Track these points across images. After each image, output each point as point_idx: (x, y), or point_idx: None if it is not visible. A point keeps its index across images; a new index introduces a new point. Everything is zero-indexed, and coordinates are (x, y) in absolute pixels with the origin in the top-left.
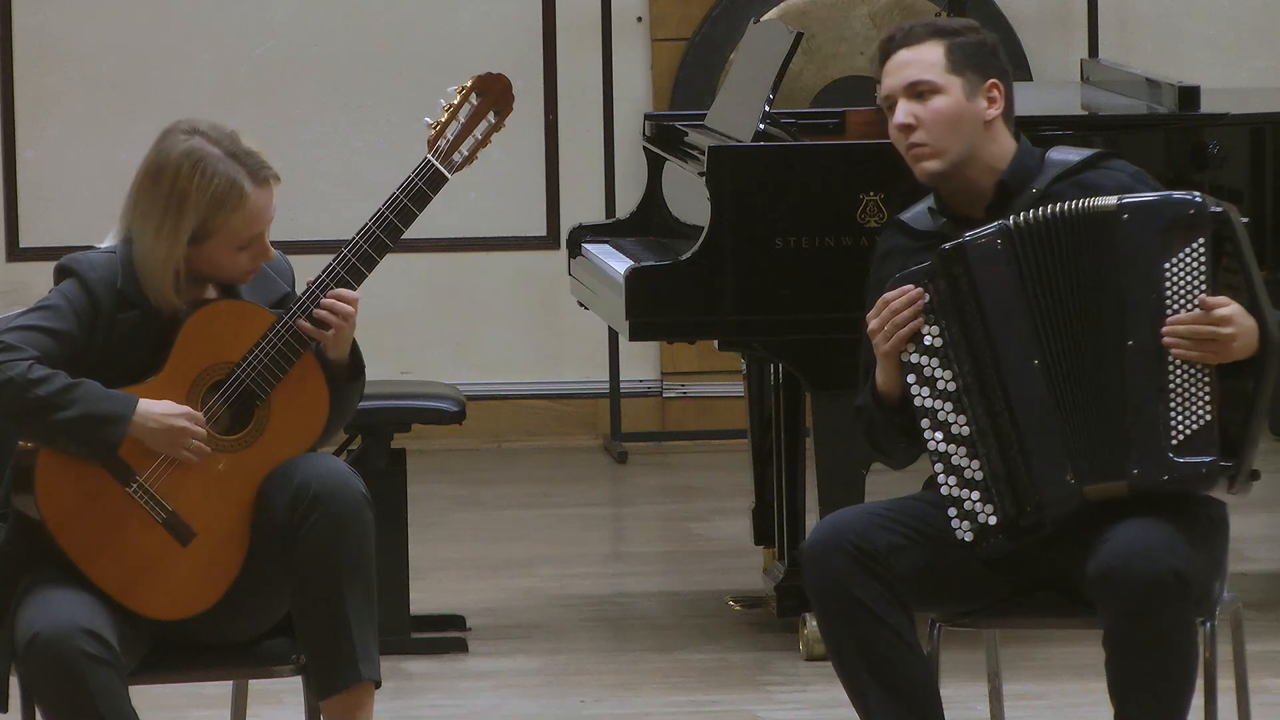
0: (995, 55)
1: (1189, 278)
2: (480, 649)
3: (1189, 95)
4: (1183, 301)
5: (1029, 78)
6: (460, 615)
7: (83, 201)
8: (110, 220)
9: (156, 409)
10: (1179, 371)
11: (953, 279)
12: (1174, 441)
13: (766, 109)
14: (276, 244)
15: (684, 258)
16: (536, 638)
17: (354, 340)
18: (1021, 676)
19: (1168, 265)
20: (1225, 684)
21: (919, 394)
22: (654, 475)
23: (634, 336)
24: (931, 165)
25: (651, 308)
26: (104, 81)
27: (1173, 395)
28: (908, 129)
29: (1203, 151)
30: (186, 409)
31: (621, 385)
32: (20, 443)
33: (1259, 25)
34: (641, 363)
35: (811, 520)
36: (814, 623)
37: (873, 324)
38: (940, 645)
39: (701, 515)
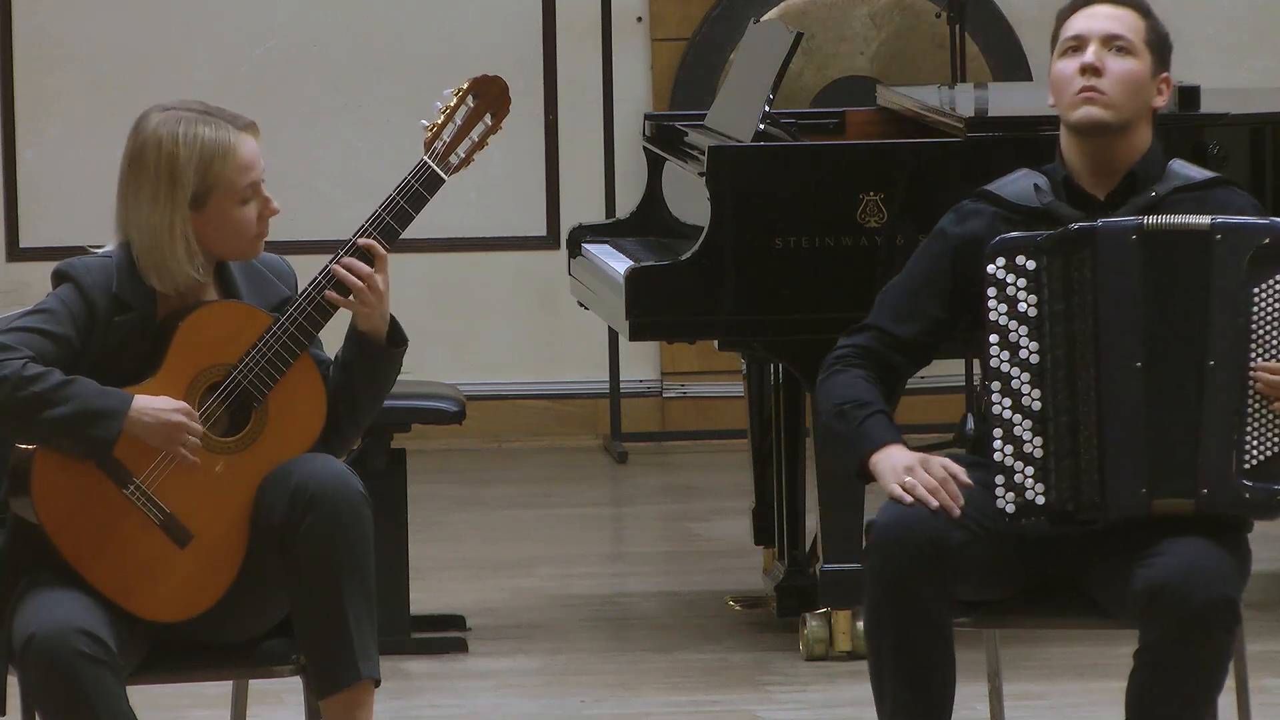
0: (1171, 51)
1: (1276, 305)
2: (480, 649)
3: (1189, 95)
4: (1268, 327)
5: (1029, 78)
6: (460, 615)
7: (83, 201)
8: (110, 220)
9: (152, 405)
10: (1257, 398)
11: (1074, 260)
12: (1246, 467)
13: (766, 109)
14: (276, 244)
15: (684, 258)
16: (536, 638)
17: (392, 315)
18: (1021, 676)
19: (1256, 290)
20: (1225, 684)
21: (997, 356)
22: (654, 475)
23: (634, 336)
24: (1099, 113)
25: (651, 308)
26: (104, 81)
27: (1249, 421)
28: (1093, 71)
29: (1203, 151)
30: (182, 404)
31: (621, 385)
32: (17, 445)
33: (1259, 25)
34: (641, 363)
35: (811, 520)
36: (814, 623)
37: (928, 481)
38: None
39: (701, 515)
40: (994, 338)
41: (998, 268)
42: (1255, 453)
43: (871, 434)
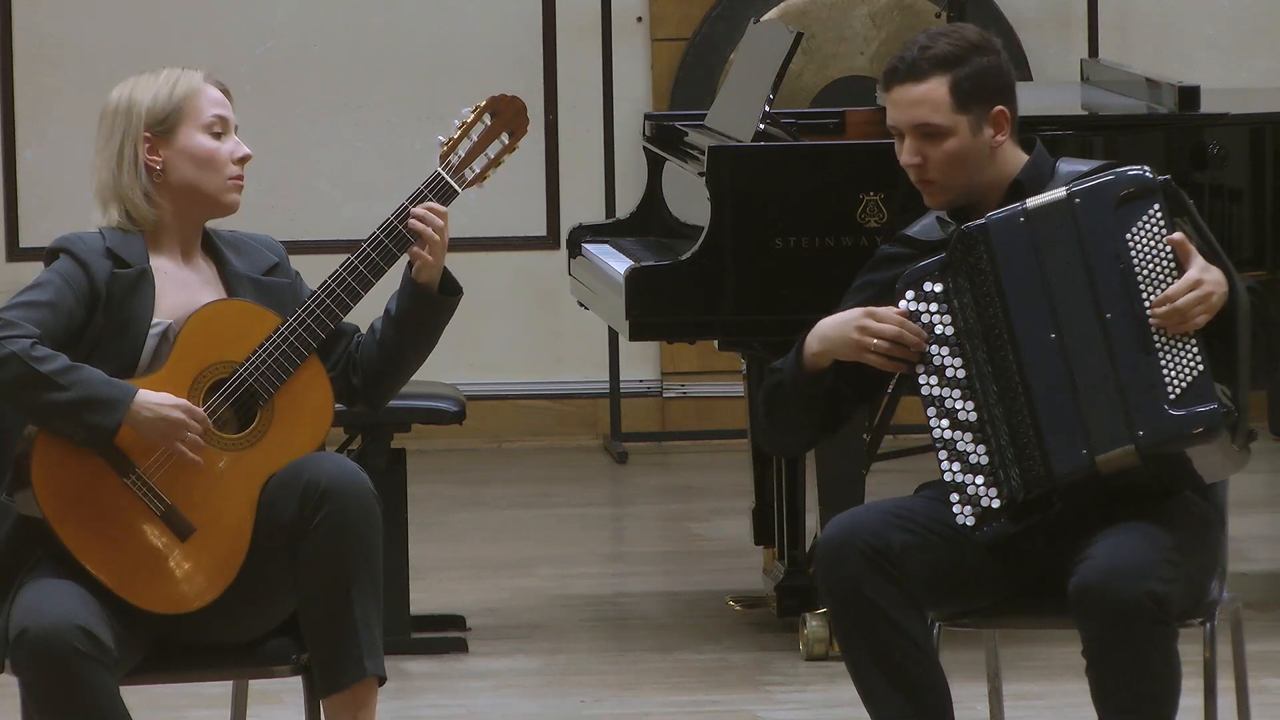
0: (1000, 74)
1: (1151, 241)
2: (480, 649)
3: (1189, 95)
4: (1150, 264)
5: (1029, 78)
6: (460, 615)
7: (83, 201)
8: None
9: (154, 399)
10: (1161, 333)
11: (972, 258)
12: (1171, 396)
13: (766, 109)
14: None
15: (684, 258)
16: (536, 638)
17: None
18: (1021, 676)
19: (1129, 235)
20: (1225, 684)
21: (926, 382)
22: (654, 475)
23: (634, 336)
24: (940, 198)
25: (651, 308)
26: (104, 81)
27: (1161, 354)
28: (916, 167)
29: (1203, 151)
30: (185, 402)
31: (621, 385)
32: (20, 437)
33: (1259, 25)
34: (641, 363)
35: (811, 520)
36: (814, 623)
37: (885, 329)
38: (940, 645)
39: (701, 515)
40: (920, 367)
41: (909, 301)
42: (1176, 382)
43: (797, 344)
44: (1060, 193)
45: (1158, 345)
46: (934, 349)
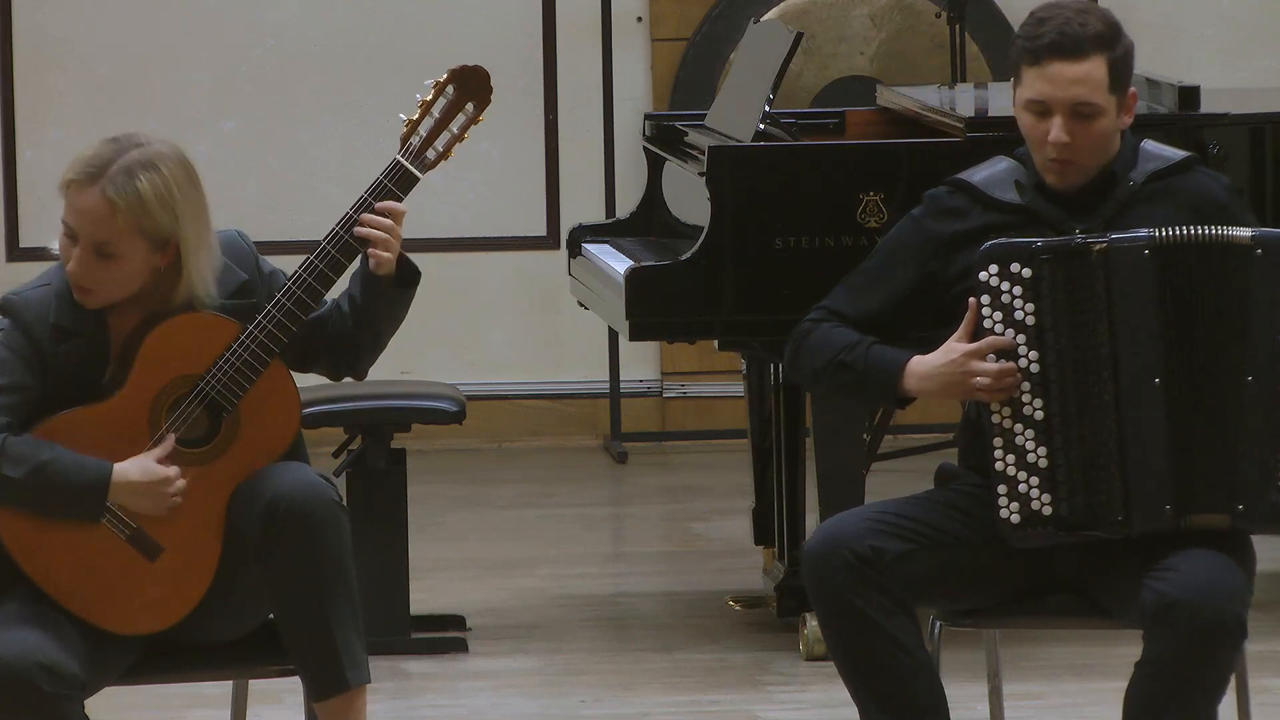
0: (1132, 59)
1: None
2: (480, 649)
3: (1189, 95)
4: None
5: None
6: (460, 615)
7: None
8: None
9: (133, 474)
10: None
11: (1081, 274)
12: None
13: (766, 109)
14: (277, 244)
15: (684, 258)
16: (536, 638)
17: (402, 253)
18: (1021, 676)
19: None
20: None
21: (997, 363)
22: (654, 475)
23: (634, 336)
24: (1075, 179)
25: (651, 308)
26: (104, 81)
27: None
28: (1063, 146)
29: (1203, 151)
30: (157, 468)
31: (621, 385)
32: None
33: (1259, 25)
34: (641, 363)
35: (812, 520)
36: (814, 622)
37: (988, 368)
38: (940, 645)
39: (701, 515)
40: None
41: (991, 275)
42: None
43: (884, 362)
44: (1245, 234)
45: None
46: (1009, 333)
